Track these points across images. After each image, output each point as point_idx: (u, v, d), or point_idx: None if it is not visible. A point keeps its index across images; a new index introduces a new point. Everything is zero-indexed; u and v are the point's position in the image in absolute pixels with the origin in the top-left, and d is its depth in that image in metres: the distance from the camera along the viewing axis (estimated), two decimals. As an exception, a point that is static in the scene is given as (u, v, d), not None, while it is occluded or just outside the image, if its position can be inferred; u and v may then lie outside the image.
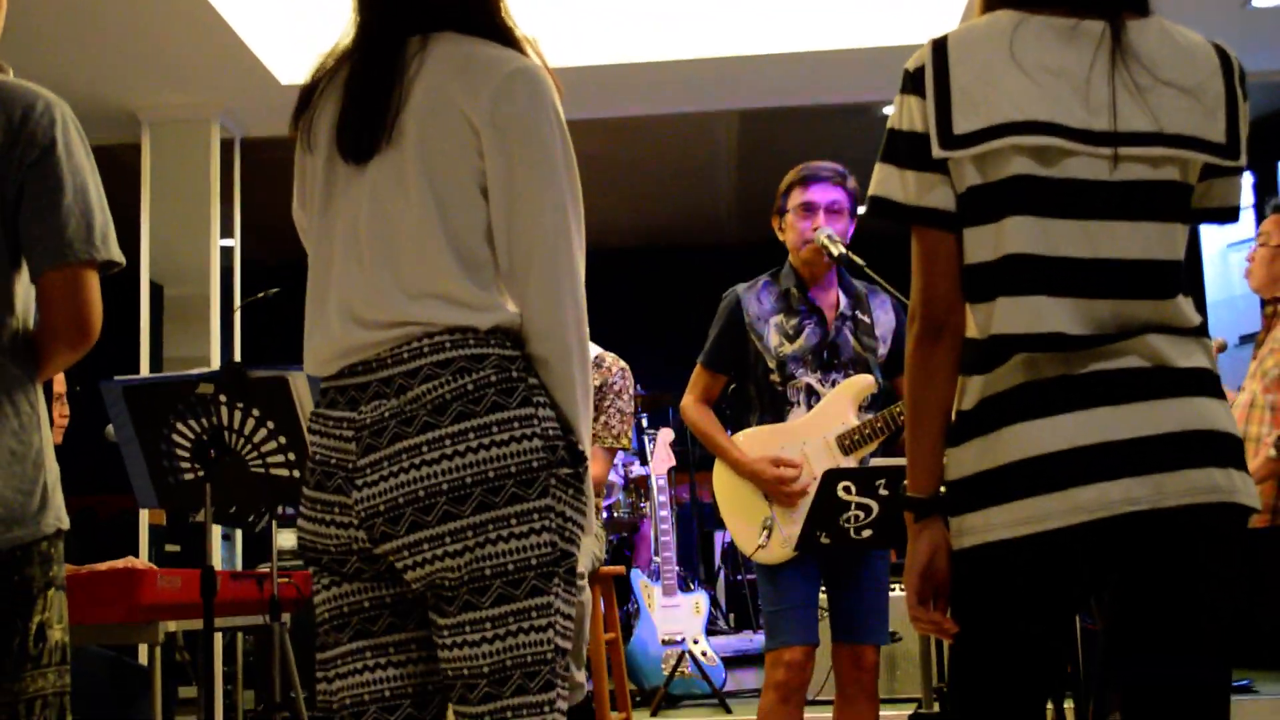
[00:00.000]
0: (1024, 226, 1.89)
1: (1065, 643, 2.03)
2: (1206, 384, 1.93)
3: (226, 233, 7.42)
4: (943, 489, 1.99)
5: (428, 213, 1.99)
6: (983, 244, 1.92)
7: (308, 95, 2.15)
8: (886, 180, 1.98)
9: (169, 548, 7.01)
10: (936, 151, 1.92)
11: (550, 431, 1.96)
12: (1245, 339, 5.15)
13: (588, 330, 2.06)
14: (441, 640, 1.95)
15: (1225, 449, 1.90)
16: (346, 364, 2.01)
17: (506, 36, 2.09)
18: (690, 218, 10.47)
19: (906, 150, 1.96)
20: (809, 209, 3.92)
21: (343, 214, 2.05)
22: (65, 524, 2.25)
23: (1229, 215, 2.07)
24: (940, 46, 1.96)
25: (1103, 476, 1.85)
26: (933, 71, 1.94)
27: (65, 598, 2.28)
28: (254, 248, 7.90)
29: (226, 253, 7.44)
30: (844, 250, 3.82)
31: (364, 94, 2.04)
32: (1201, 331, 1.96)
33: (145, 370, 6.97)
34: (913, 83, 1.97)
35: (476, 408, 1.93)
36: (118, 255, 2.27)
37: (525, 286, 2.00)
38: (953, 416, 1.99)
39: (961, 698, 2.01)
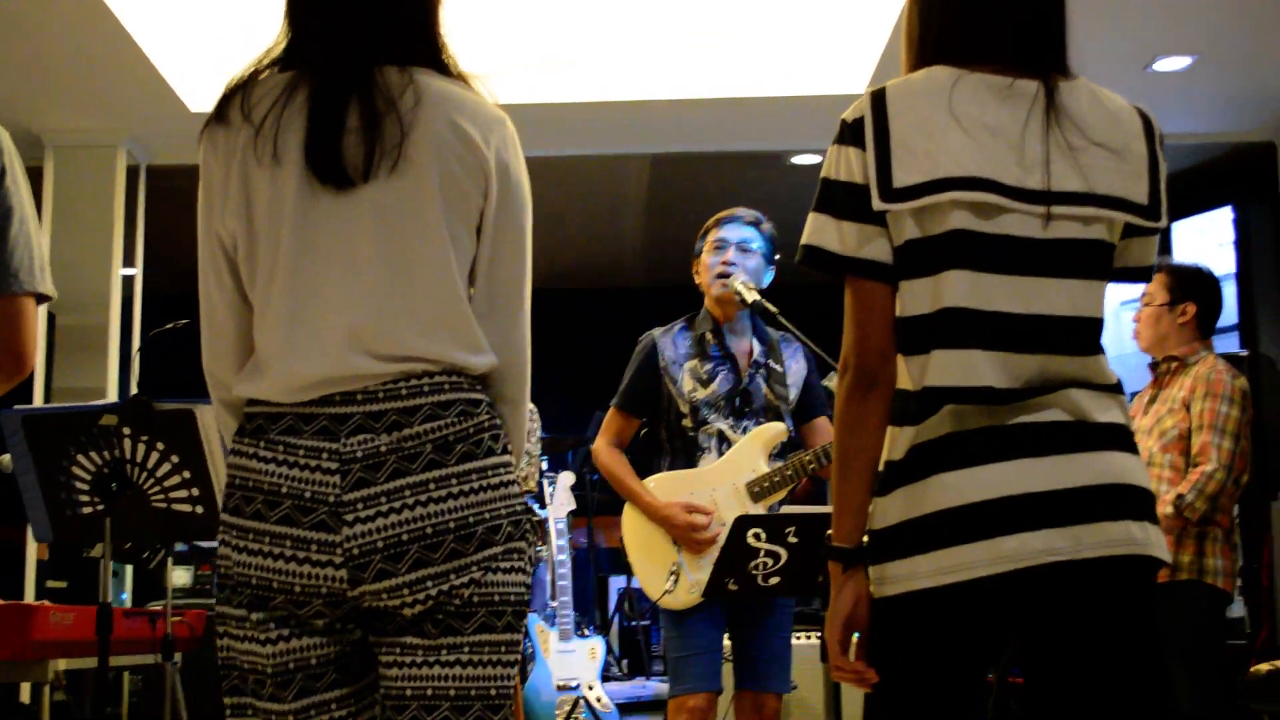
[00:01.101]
0: (961, 280, 1.91)
1: (981, 691, 2.05)
2: (1122, 439, 1.96)
3: (128, 261, 7.29)
4: (864, 538, 2.00)
5: (444, 245, 1.97)
6: (920, 296, 1.94)
7: (230, 96, 2.03)
8: (822, 230, 1.99)
9: (52, 584, 6.83)
10: (876, 204, 1.93)
11: (518, 479, 2.03)
12: (1135, 395, 5.31)
13: None
14: (409, 658, 1.94)
15: (1140, 503, 1.94)
16: (329, 392, 1.94)
17: (465, 78, 2.09)
18: (597, 260, 10.47)
19: (844, 201, 1.97)
20: (720, 245, 3.95)
21: (328, 233, 1.96)
22: None
23: (1144, 275, 2.11)
24: (879, 99, 1.97)
25: (1025, 527, 1.87)
26: (872, 123, 1.95)
27: None
28: (155, 277, 7.77)
29: (127, 281, 7.31)
30: (757, 298, 3.84)
31: (348, 116, 1.96)
32: (1118, 389, 2.00)
33: (39, 400, 6.81)
34: (852, 134, 1.98)
35: (477, 450, 1.96)
36: (53, 290, 2.24)
37: (503, 330, 2.05)
38: (880, 466, 2.00)
39: None
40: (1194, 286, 4.54)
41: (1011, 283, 1.92)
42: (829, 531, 2.02)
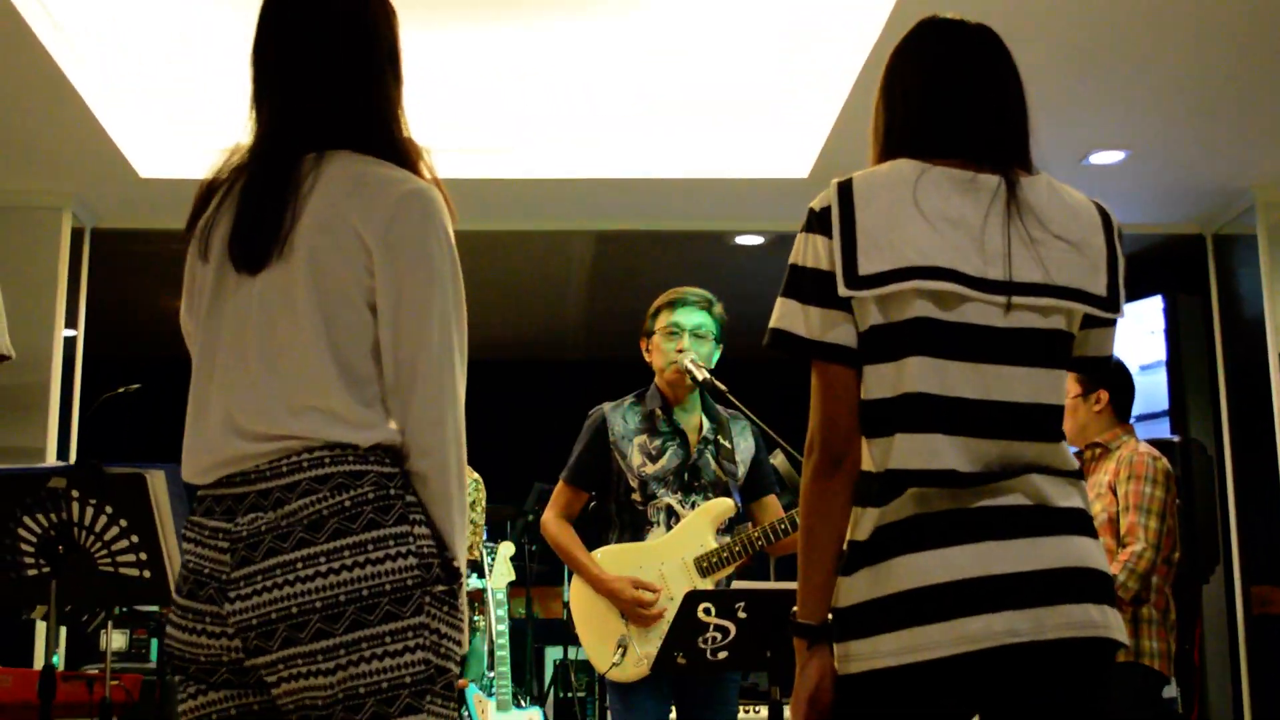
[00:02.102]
0: (923, 367, 1.97)
1: None
2: (1083, 524, 2.02)
3: (70, 323, 7.25)
4: (829, 615, 2.04)
5: (315, 328, 2.01)
6: (883, 381, 2.00)
7: (204, 199, 2.16)
8: (789, 315, 2.05)
9: (-25, 644, 6.74)
10: (842, 290, 1.99)
11: (425, 549, 1.98)
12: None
13: (465, 448, 2.07)
14: None
15: (1099, 586, 1.99)
16: (225, 474, 2.01)
17: (403, 155, 2.13)
18: (539, 333, 10.52)
19: (811, 287, 2.03)
20: (675, 332, 4.00)
21: (229, 323, 2.07)
22: None
23: (1101, 365, 2.19)
24: (846, 188, 2.04)
25: (987, 608, 1.92)
26: (839, 213, 2.02)
27: None
28: (97, 340, 7.73)
29: (69, 343, 7.26)
30: (708, 376, 3.90)
31: (258, 206, 2.06)
32: (1078, 475, 2.06)
33: (-25, 460, 6.73)
34: (819, 222, 2.04)
35: (353, 525, 1.94)
36: (10, 350, 2.25)
37: (409, 402, 2.02)
38: (844, 546, 2.04)
39: None
40: (1104, 375, 4.68)
41: (973, 369, 1.98)
42: (794, 609, 2.06)
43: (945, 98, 2.10)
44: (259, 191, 2.07)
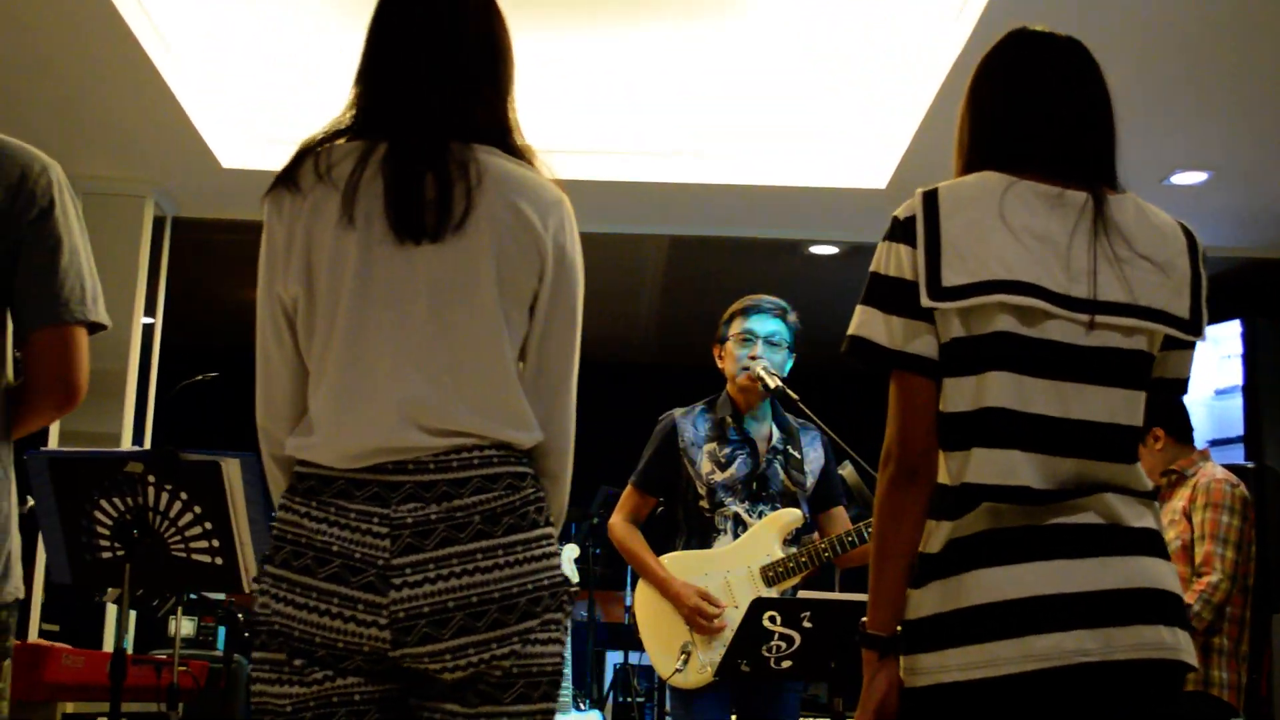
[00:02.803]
0: (1003, 381, 1.96)
1: None
2: (1156, 545, 2.01)
3: (149, 311, 7.36)
4: (898, 628, 2.03)
5: (497, 323, 2.02)
6: (962, 394, 1.99)
7: (297, 163, 2.08)
8: (870, 323, 2.04)
9: (46, 626, 6.85)
10: (925, 301, 1.98)
11: (559, 551, 2.06)
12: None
13: None
14: None
15: (1171, 608, 1.98)
16: (382, 461, 1.99)
17: (521, 154, 2.14)
18: (611, 336, 10.55)
19: (893, 296, 2.02)
20: (748, 339, 4.00)
21: (387, 304, 2.01)
22: (21, 594, 2.23)
23: (1180, 387, 2.17)
24: (931, 198, 2.03)
25: (1057, 627, 1.90)
26: (924, 222, 2.01)
27: (11, 669, 2.25)
28: (175, 329, 7.84)
29: (146, 330, 7.37)
30: (779, 384, 3.90)
31: (423, 181, 2.01)
32: (1153, 495, 2.04)
33: (54, 443, 6.84)
34: (903, 231, 2.04)
35: (523, 523, 2.00)
36: (106, 319, 2.27)
37: (550, 409, 2.10)
38: (916, 559, 2.03)
39: None
40: (1151, 413, 4.64)
41: (1052, 387, 1.97)
42: (864, 619, 2.06)
43: (1032, 110, 2.09)
44: (420, 167, 2.02)
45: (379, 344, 2.01)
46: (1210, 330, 1.98)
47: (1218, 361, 7.52)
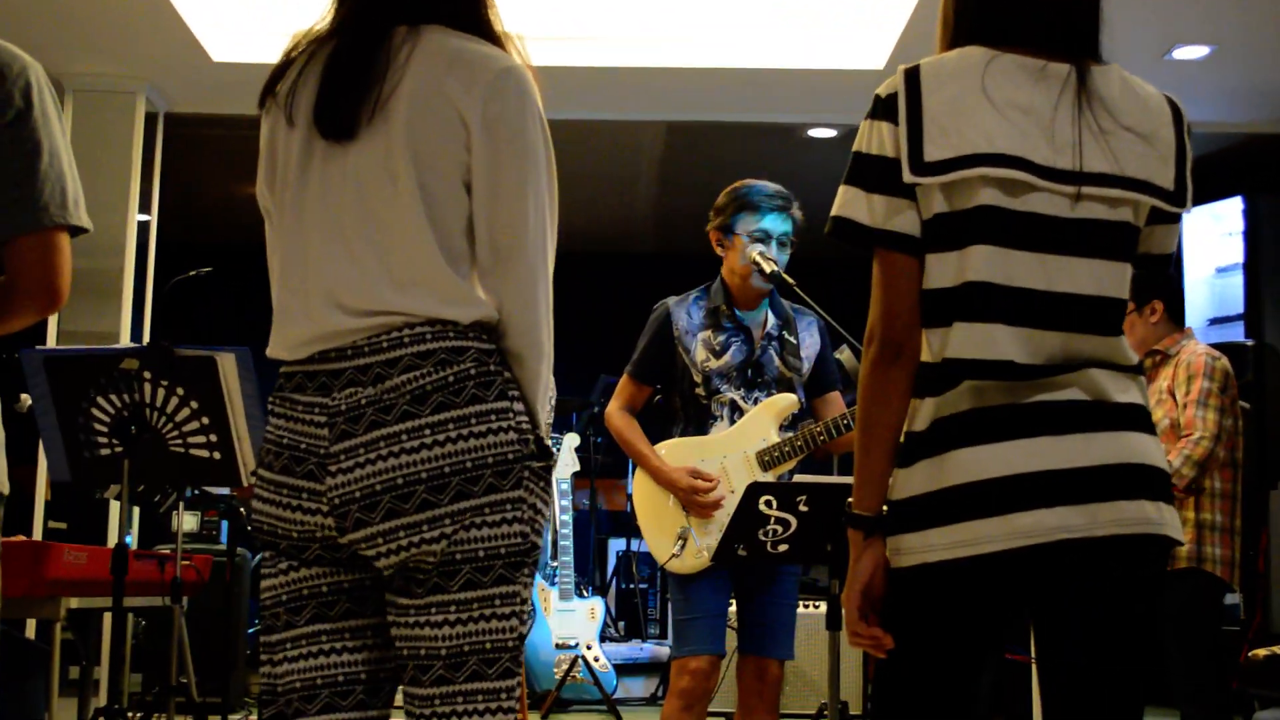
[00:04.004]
0: (986, 255, 1.95)
1: (992, 663, 2.09)
2: (1141, 419, 2.00)
3: (144, 208, 7.32)
4: (884, 508, 2.04)
5: (415, 203, 1.99)
6: (945, 270, 1.98)
7: (279, 71, 2.13)
8: (852, 203, 2.02)
9: (53, 524, 6.91)
10: (907, 176, 1.97)
11: (523, 425, 2.00)
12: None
13: (553, 329, 2.09)
14: (403, 619, 1.97)
15: (1156, 483, 1.98)
16: (320, 349, 2.00)
17: (492, 34, 2.11)
18: (608, 225, 10.50)
19: (874, 174, 2.01)
20: (763, 237, 3.94)
21: (321, 197, 2.04)
22: (6, 489, 2.23)
23: (1165, 262, 2.15)
24: (913, 75, 2.01)
25: (1040, 504, 1.91)
26: (905, 99, 1.99)
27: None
28: (170, 225, 7.81)
29: (142, 227, 7.34)
30: (776, 268, 3.87)
31: (350, 72, 2.03)
32: (1138, 370, 2.04)
33: (51, 342, 6.86)
34: (885, 109, 2.01)
35: (456, 399, 1.95)
36: (88, 222, 2.25)
37: (504, 282, 2.02)
38: (902, 437, 2.04)
39: (887, 713, 2.07)
40: (1154, 285, 4.64)
41: (1037, 260, 1.96)
42: (849, 499, 2.06)
43: None
44: (349, 58, 2.04)
45: (311, 237, 2.04)
46: (1211, 207, 1.98)
47: (1219, 239, 7.50)
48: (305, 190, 2.06)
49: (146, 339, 7.07)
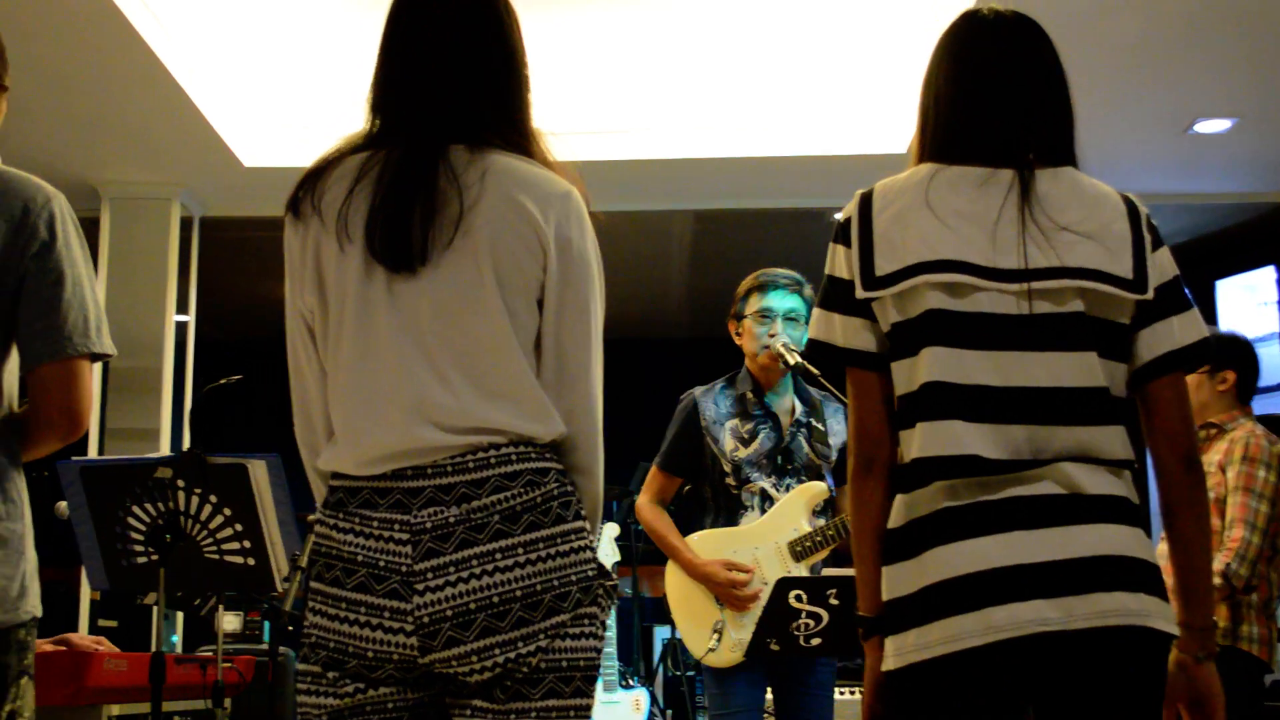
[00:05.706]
0: (938, 356, 2.00)
1: None
2: (1120, 511, 2.00)
3: (181, 309, 7.44)
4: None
5: (503, 319, 2.02)
6: (904, 376, 2.05)
7: (311, 177, 2.12)
8: (822, 324, 2.13)
9: (104, 623, 6.95)
10: (859, 293, 2.07)
11: (593, 544, 2.06)
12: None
13: None
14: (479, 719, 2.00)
15: (1135, 574, 1.97)
16: (399, 466, 2.01)
17: (540, 154, 2.16)
18: (642, 312, 10.56)
19: (837, 296, 2.11)
20: (766, 316, 3.99)
21: (391, 313, 2.04)
22: (39, 612, 2.27)
23: (1174, 361, 2.10)
24: (866, 198, 2.12)
25: (1015, 597, 1.92)
26: (858, 221, 2.10)
27: (34, 686, 2.30)
28: (207, 325, 7.92)
29: (180, 328, 7.46)
30: (799, 360, 3.89)
31: (413, 200, 2.03)
32: (1124, 463, 2.03)
33: (94, 441, 6.94)
34: (842, 233, 2.12)
35: (545, 519, 2.00)
36: (110, 348, 2.31)
37: (572, 400, 2.08)
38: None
39: None
40: (1233, 354, 4.59)
41: (989, 357, 2.00)
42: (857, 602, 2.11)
43: (969, 98, 2.14)
44: (410, 182, 2.04)
45: (386, 346, 2.03)
46: (1243, 278, 1.99)
47: (1253, 309, 7.47)
48: (371, 308, 2.05)
49: (188, 437, 7.15)
